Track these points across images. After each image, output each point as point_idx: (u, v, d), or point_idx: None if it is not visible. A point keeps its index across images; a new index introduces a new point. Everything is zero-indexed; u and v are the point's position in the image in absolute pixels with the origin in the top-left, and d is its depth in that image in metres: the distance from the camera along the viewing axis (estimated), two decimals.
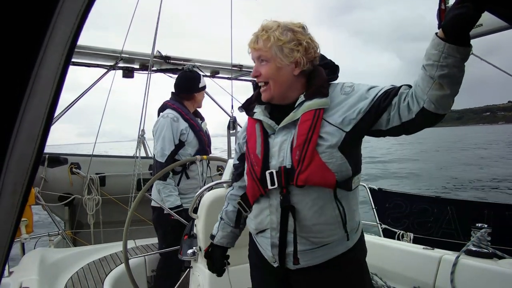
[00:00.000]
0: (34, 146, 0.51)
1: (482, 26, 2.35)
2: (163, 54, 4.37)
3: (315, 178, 1.38)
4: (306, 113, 1.43)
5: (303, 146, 1.39)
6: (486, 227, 2.46)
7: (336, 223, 1.45)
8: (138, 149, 4.20)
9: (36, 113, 0.49)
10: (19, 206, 0.54)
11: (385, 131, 1.40)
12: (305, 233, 1.45)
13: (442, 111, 1.26)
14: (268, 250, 1.56)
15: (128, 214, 2.59)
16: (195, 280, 2.37)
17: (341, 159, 1.40)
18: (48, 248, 3.45)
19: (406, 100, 1.31)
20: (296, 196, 1.44)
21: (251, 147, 1.54)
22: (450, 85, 1.19)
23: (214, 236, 1.86)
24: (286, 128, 1.47)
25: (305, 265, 1.50)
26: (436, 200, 5.57)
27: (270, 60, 1.48)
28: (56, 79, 0.50)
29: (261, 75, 1.51)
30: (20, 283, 2.28)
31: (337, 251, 1.49)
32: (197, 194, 2.30)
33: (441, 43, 1.16)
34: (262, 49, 1.48)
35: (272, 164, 1.48)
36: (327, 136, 1.39)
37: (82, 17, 0.47)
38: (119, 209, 4.34)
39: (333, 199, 1.43)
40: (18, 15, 0.42)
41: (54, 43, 0.46)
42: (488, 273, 2.26)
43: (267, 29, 1.48)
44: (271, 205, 1.49)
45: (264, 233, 1.56)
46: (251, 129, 1.58)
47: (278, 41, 1.45)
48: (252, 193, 1.56)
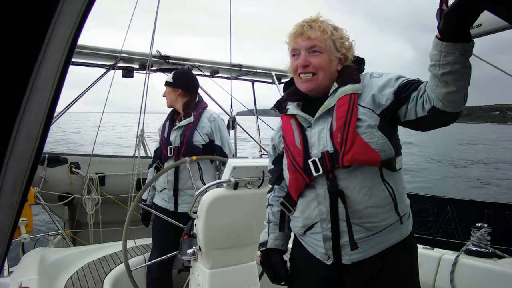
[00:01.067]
0: (33, 145, 0.51)
1: (481, 26, 2.34)
2: (163, 54, 4.37)
3: (360, 156, 1.38)
4: (341, 98, 1.45)
5: (344, 128, 1.40)
6: (486, 227, 2.47)
7: (388, 205, 1.44)
8: (138, 149, 4.20)
9: (36, 112, 0.50)
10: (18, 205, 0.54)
11: (403, 122, 1.44)
12: (358, 219, 1.42)
13: (450, 109, 1.26)
14: (320, 246, 1.51)
15: (128, 214, 2.59)
16: (194, 280, 2.37)
17: (382, 138, 1.41)
18: (47, 248, 3.44)
19: (423, 97, 1.33)
20: (343, 181, 1.42)
21: (290, 140, 1.54)
22: (455, 82, 1.20)
23: (264, 242, 1.75)
24: (322, 118, 1.49)
25: (361, 257, 1.45)
26: (436, 200, 5.57)
27: (324, 52, 1.50)
28: (56, 79, 0.50)
29: (310, 65, 1.50)
30: (20, 282, 2.28)
31: (394, 238, 1.46)
32: (196, 194, 2.30)
33: (439, 43, 1.18)
34: (318, 38, 1.49)
35: (313, 153, 1.47)
36: (364, 117, 1.41)
37: (82, 17, 0.47)
38: (118, 209, 4.34)
39: (380, 180, 1.42)
40: (19, 15, 0.42)
41: (54, 43, 0.46)
42: (487, 273, 2.26)
43: (318, 21, 1.52)
44: (318, 194, 1.47)
45: (313, 229, 1.52)
46: (286, 125, 1.59)
47: (332, 35, 1.51)
48: (296, 186, 1.53)
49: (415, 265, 1.57)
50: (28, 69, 0.45)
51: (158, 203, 3.10)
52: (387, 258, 1.46)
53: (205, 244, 2.23)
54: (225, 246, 2.30)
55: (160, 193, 3.09)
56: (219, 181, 2.33)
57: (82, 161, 4.49)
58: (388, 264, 1.47)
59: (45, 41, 0.45)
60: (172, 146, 3.01)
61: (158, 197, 3.13)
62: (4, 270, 2.43)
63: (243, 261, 2.43)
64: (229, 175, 2.22)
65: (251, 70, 4.95)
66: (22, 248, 3.43)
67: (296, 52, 1.54)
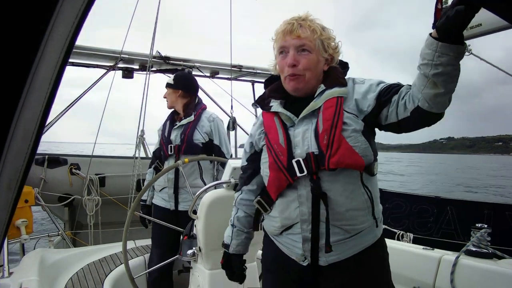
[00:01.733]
0: (29, 143, 0.52)
1: (481, 26, 2.34)
2: (163, 55, 4.37)
3: (346, 159, 1.38)
4: (328, 100, 1.45)
5: (330, 130, 1.39)
6: (486, 227, 2.46)
7: (366, 209, 1.45)
8: (138, 149, 4.20)
9: (33, 111, 0.50)
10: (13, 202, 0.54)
11: (384, 126, 1.45)
12: (338, 221, 1.42)
13: (436, 110, 1.27)
14: (297, 247, 1.49)
15: (128, 215, 2.59)
16: (194, 280, 2.37)
17: (365, 143, 1.42)
18: (48, 249, 3.44)
19: (404, 98, 1.34)
20: (327, 183, 1.41)
21: (273, 138, 1.51)
22: (444, 84, 1.20)
23: (227, 245, 1.79)
24: (306, 118, 1.48)
25: (336, 259, 1.46)
26: (436, 200, 5.57)
27: (313, 52, 1.49)
28: (53, 79, 0.50)
29: (299, 64, 1.48)
30: (20, 283, 2.28)
31: (368, 241, 1.48)
32: (196, 195, 2.30)
33: (434, 42, 1.18)
34: (308, 38, 1.48)
35: (297, 153, 1.45)
36: (349, 121, 1.41)
37: (81, 17, 0.47)
38: (118, 210, 4.34)
39: (360, 183, 1.43)
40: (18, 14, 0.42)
41: (53, 42, 0.46)
42: (488, 273, 2.26)
43: (308, 20, 1.50)
44: (300, 195, 1.45)
45: (292, 229, 1.50)
46: (269, 122, 1.56)
47: (321, 34, 1.50)
48: (277, 185, 1.50)
49: (387, 266, 1.58)
50: (27, 68, 0.45)
51: (157, 203, 3.12)
52: (362, 260, 1.47)
53: (205, 245, 2.23)
54: None
55: (160, 192, 3.10)
56: (219, 182, 2.33)
57: (82, 162, 4.49)
58: (362, 266, 1.48)
59: (44, 40, 0.45)
60: (173, 144, 3.05)
61: (158, 197, 3.14)
62: (4, 271, 2.43)
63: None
64: (229, 176, 2.22)
65: (251, 71, 4.96)
66: (22, 249, 3.43)
67: (284, 50, 1.52)
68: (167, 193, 3.05)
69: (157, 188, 3.13)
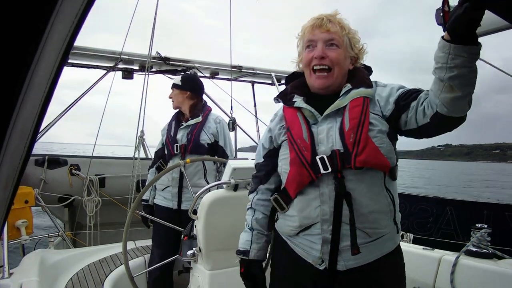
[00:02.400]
0: (25, 142, 0.52)
1: (481, 26, 2.34)
2: (163, 55, 4.37)
3: (373, 159, 1.35)
4: (354, 99, 1.43)
5: (357, 128, 1.36)
6: (485, 228, 2.46)
7: (388, 212, 1.42)
8: (137, 150, 4.20)
9: (30, 110, 0.50)
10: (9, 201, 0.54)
11: (404, 131, 1.43)
12: (361, 223, 1.36)
13: (455, 114, 1.24)
14: (315, 249, 1.42)
15: (128, 215, 2.59)
16: (195, 281, 2.37)
17: (389, 145, 1.40)
18: (48, 250, 3.44)
19: (423, 104, 1.31)
20: (351, 182, 1.37)
21: (297, 133, 1.46)
22: (461, 86, 1.17)
23: (246, 251, 1.65)
24: (330, 117, 1.45)
25: (355, 264, 1.39)
26: (436, 201, 5.57)
27: (341, 47, 1.48)
28: (51, 78, 0.50)
29: (327, 57, 1.46)
30: (20, 284, 2.28)
31: (388, 247, 1.45)
32: (197, 195, 2.30)
33: (446, 44, 1.15)
34: (337, 33, 1.47)
35: (320, 150, 1.41)
36: (375, 121, 1.40)
37: (80, 17, 0.47)
38: (118, 210, 4.34)
39: (383, 186, 1.40)
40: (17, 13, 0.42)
41: (52, 42, 0.46)
42: (488, 274, 2.26)
43: (337, 17, 1.51)
44: (323, 193, 1.39)
45: (310, 230, 1.43)
46: (292, 118, 1.51)
47: (349, 32, 1.50)
48: (298, 182, 1.43)
49: (404, 275, 1.54)
50: (26, 67, 0.45)
51: (159, 203, 3.14)
52: (381, 267, 1.43)
53: (205, 245, 2.23)
54: (225, 247, 2.30)
55: (162, 191, 3.12)
56: (219, 182, 2.33)
57: (82, 163, 4.49)
58: (381, 273, 1.44)
59: (43, 39, 0.45)
60: (179, 144, 3.09)
61: (159, 196, 3.16)
62: (4, 272, 2.43)
63: None
64: (229, 176, 2.22)
65: (251, 72, 4.96)
66: (22, 250, 3.42)
67: (312, 44, 1.49)
68: (170, 192, 3.07)
69: (160, 187, 3.14)
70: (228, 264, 2.33)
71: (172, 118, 3.30)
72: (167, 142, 3.15)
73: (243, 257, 1.66)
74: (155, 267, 2.75)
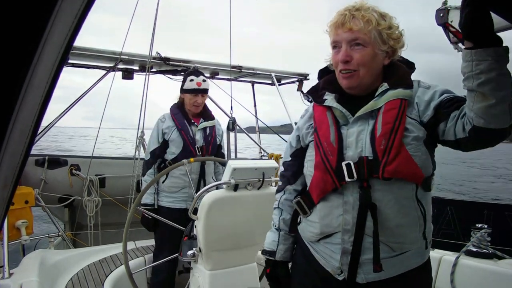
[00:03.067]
0: (25, 141, 0.52)
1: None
2: (163, 56, 4.37)
3: (403, 169, 1.24)
4: (390, 101, 1.30)
5: (390, 135, 1.25)
6: (486, 228, 2.46)
7: (418, 226, 1.32)
8: (138, 150, 4.20)
9: (30, 110, 0.50)
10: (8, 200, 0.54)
11: (441, 141, 1.32)
12: (385, 237, 1.28)
13: (494, 126, 1.13)
14: (334, 259, 1.36)
15: (128, 215, 2.59)
16: (195, 281, 2.37)
17: (425, 154, 1.29)
18: (48, 250, 3.44)
19: (464, 117, 1.21)
20: (378, 192, 1.27)
21: (324, 135, 1.37)
22: (493, 92, 1.09)
23: (272, 251, 1.60)
24: (362, 118, 1.34)
25: (376, 278, 1.31)
26: (436, 201, 5.57)
27: (368, 45, 1.33)
28: (50, 78, 0.50)
29: (352, 60, 1.34)
30: (20, 284, 2.28)
31: (414, 263, 1.35)
32: (197, 195, 2.30)
33: (468, 52, 1.09)
34: (361, 30, 1.31)
35: (348, 155, 1.31)
36: (411, 127, 1.28)
37: (80, 17, 0.47)
38: (119, 211, 4.34)
39: (414, 198, 1.29)
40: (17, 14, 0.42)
41: (51, 42, 0.46)
42: (488, 274, 2.26)
43: (363, 9, 1.34)
44: (346, 202, 1.31)
45: (331, 238, 1.36)
46: (321, 117, 1.41)
47: (378, 24, 1.33)
48: (322, 188, 1.36)
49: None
50: (25, 67, 0.45)
51: (169, 205, 3.07)
52: (404, 282, 1.34)
53: (205, 245, 2.23)
54: (225, 247, 2.30)
55: (176, 193, 3.08)
56: (219, 182, 2.33)
57: (82, 163, 4.49)
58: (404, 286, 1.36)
59: (42, 40, 0.45)
60: (199, 145, 3.13)
61: (169, 198, 3.09)
62: (4, 272, 2.43)
63: (244, 263, 2.43)
64: (229, 176, 2.22)
65: (251, 72, 4.96)
66: (23, 250, 3.42)
67: (337, 45, 1.38)
68: (187, 192, 3.06)
69: (172, 189, 3.08)
70: (228, 264, 2.34)
71: (178, 117, 3.17)
72: (188, 143, 3.09)
73: (269, 258, 1.62)
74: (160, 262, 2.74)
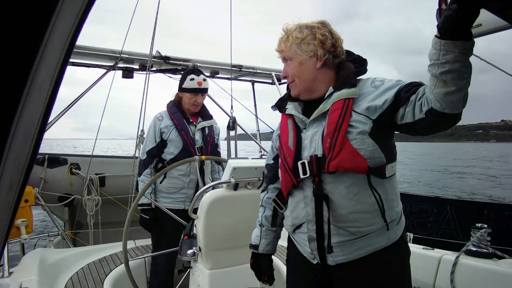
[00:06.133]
0: (30, 144, 0.52)
1: (481, 26, 2.34)
2: (163, 55, 4.37)
3: (346, 163, 1.39)
4: (335, 102, 1.46)
5: (333, 133, 1.41)
6: (486, 227, 2.47)
7: (374, 212, 1.44)
8: (138, 149, 4.20)
9: (33, 112, 0.50)
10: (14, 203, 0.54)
11: (399, 125, 1.41)
12: (342, 223, 1.44)
13: (449, 110, 1.23)
14: (306, 246, 1.55)
15: (128, 215, 2.59)
16: (195, 280, 2.37)
17: (372, 145, 1.40)
18: (48, 249, 3.44)
19: (421, 99, 1.31)
20: (329, 185, 1.44)
21: (284, 140, 1.58)
22: (454, 81, 1.18)
23: (256, 245, 1.83)
24: (317, 120, 1.51)
25: (345, 259, 1.47)
26: (436, 200, 5.57)
27: (292, 58, 1.56)
28: (54, 79, 0.50)
29: (288, 75, 1.59)
30: (20, 283, 2.28)
31: (380, 243, 1.46)
32: (196, 194, 2.30)
33: (438, 41, 1.17)
34: (284, 50, 1.58)
35: (304, 155, 1.50)
36: (356, 124, 1.41)
37: (81, 17, 0.47)
38: (118, 210, 4.34)
39: (367, 186, 1.43)
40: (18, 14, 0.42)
41: (53, 43, 0.46)
42: (488, 273, 2.26)
43: (287, 31, 1.59)
44: (306, 196, 1.50)
45: (301, 228, 1.56)
46: (284, 125, 1.62)
47: (296, 39, 1.54)
48: (285, 186, 1.57)
49: (406, 269, 1.55)
50: (27, 68, 0.45)
51: (168, 206, 2.94)
52: (374, 261, 1.47)
53: (205, 244, 2.23)
54: (225, 246, 2.30)
55: (174, 194, 3.04)
56: (219, 181, 2.33)
57: (82, 162, 4.49)
58: (375, 267, 1.47)
59: (44, 40, 0.45)
60: (198, 145, 3.09)
61: (167, 199, 3.04)
62: (4, 271, 2.43)
63: (243, 262, 2.43)
64: (229, 175, 2.22)
65: (251, 71, 4.95)
66: (22, 249, 3.43)
67: None
68: (185, 193, 3.04)
69: (171, 190, 3.04)
70: (228, 263, 2.34)
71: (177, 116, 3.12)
72: (188, 144, 3.05)
73: (254, 251, 1.84)
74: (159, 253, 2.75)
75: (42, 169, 4.22)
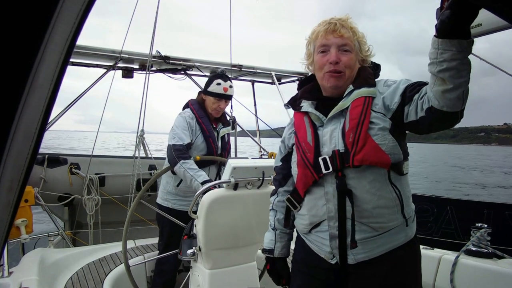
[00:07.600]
0: (30, 144, 0.52)
1: (481, 26, 2.35)
2: (163, 54, 4.37)
3: (371, 157, 1.40)
4: (356, 100, 1.48)
5: (356, 128, 1.42)
6: (485, 227, 2.47)
7: (395, 207, 1.46)
8: (138, 149, 4.20)
9: (34, 111, 0.50)
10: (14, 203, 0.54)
11: (405, 124, 1.44)
12: (365, 218, 1.44)
13: (447, 109, 1.24)
14: (325, 245, 1.53)
15: (128, 214, 2.59)
16: (195, 280, 2.37)
17: (392, 142, 1.43)
18: (47, 248, 3.44)
19: (423, 98, 1.34)
20: (352, 180, 1.44)
21: (302, 137, 1.56)
22: (451, 79, 1.19)
23: (271, 249, 1.79)
24: (335, 118, 1.51)
25: (365, 258, 1.47)
26: (436, 200, 5.57)
27: (353, 52, 1.54)
28: (54, 79, 0.50)
29: (341, 62, 1.52)
30: (20, 283, 2.28)
31: (399, 240, 1.48)
32: (196, 194, 2.30)
33: (436, 40, 1.18)
34: (350, 38, 1.53)
35: (324, 151, 1.50)
36: (376, 120, 1.44)
37: (82, 17, 0.47)
38: (118, 209, 4.34)
39: (388, 182, 1.44)
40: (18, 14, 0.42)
41: (53, 43, 0.46)
42: (487, 273, 2.26)
43: (349, 21, 1.56)
44: (327, 192, 1.49)
45: (320, 227, 1.54)
46: (299, 122, 1.61)
47: (359, 36, 1.57)
48: (304, 182, 1.55)
49: (419, 267, 1.58)
50: (27, 68, 0.45)
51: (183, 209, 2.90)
52: (392, 259, 1.47)
53: (205, 244, 2.23)
54: (225, 246, 2.30)
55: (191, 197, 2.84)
56: (219, 181, 2.33)
57: (82, 162, 4.49)
58: (393, 265, 1.48)
59: (44, 40, 0.45)
60: (218, 151, 3.09)
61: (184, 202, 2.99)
62: (4, 271, 2.43)
63: (243, 262, 2.43)
64: (229, 175, 2.21)
65: (251, 71, 4.95)
66: (22, 249, 3.43)
67: (326, 49, 1.55)
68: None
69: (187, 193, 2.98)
70: (228, 263, 2.34)
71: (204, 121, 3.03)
72: (214, 151, 3.01)
73: (269, 255, 1.79)
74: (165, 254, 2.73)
75: (42, 169, 4.22)
